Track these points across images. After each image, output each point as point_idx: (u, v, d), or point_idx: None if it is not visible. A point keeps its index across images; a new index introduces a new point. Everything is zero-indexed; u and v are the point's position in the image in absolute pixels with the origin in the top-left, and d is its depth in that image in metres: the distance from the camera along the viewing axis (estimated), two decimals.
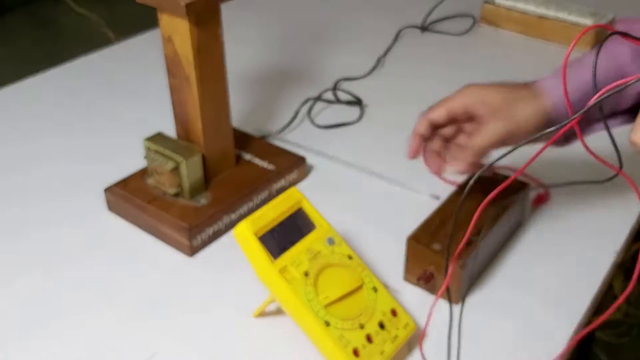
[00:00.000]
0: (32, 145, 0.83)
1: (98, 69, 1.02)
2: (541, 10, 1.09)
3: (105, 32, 2.26)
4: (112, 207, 0.70)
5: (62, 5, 2.46)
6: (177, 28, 0.60)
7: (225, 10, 0.64)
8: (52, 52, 2.54)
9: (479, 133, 0.56)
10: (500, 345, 0.54)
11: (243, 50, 1.03)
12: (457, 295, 0.56)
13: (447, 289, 0.55)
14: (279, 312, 0.56)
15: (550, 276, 0.61)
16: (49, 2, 2.83)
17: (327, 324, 0.49)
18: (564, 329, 0.55)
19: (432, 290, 0.58)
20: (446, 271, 0.51)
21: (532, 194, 0.70)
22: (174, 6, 0.58)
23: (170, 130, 0.69)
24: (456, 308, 0.57)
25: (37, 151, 0.82)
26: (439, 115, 0.58)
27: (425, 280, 0.56)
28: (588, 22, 1.04)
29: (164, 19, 0.61)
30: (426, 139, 0.60)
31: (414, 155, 0.60)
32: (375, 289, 0.52)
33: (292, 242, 0.52)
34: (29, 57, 2.45)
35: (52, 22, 2.82)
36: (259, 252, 0.50)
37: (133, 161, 0.72)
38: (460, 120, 0.59)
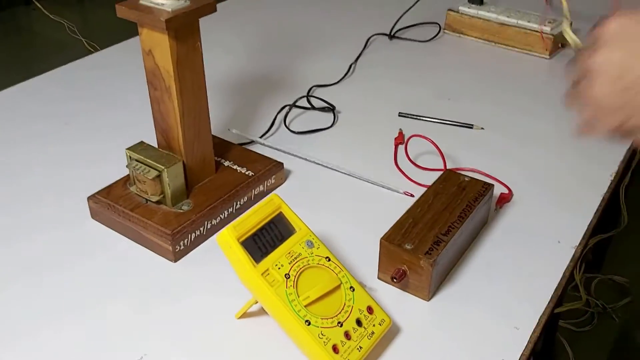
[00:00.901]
0: (13, 154, 0.84)
1: (76, 79, 1.04)
2: (503, 18, 1.14)
3: (79, 38, 2.25)
4: (95, 214, 0.71)
5: (34, 11, 2.43)
6: (157, 42, 0.63)
7: (201, 19, 0.67)
8: (26, 58, 2.51)
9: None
10: (471, 336, 0.58)
11: (218, 58, 1.06)
12: (429, 291, 0.60)
13: (419, 286, 0.59)
14: (260, 312, 0.59)
15: (515, 270, 0.65)
16: (21, 8, 2.79)
17: (308, 323, 0.52)
18: (530, 317, 0.59)
19: (404, 287, 0.62)
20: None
21: (496, 194, 0.74)
22: (154, 21, 0.60)
23: (150, 138, 0.71)
24: (427, 303, 0.61)
25: (18, 161, 0.83)
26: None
27: (399, 278, 0.60)
28: (546, 29, 1.10)
29: (145, 33, 0.63)
30: None
31: None
32: (352, 288, 0.56)
33: (273, 246, 0.55)
34: (4, 63, 2.42)
35: (26, 29, 2.79)
36: (242, 257, 0.53)
37: (114, 169, 0.74)
38: None
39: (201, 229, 0.68)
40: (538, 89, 1.01)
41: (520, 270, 0.65)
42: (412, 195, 0.75)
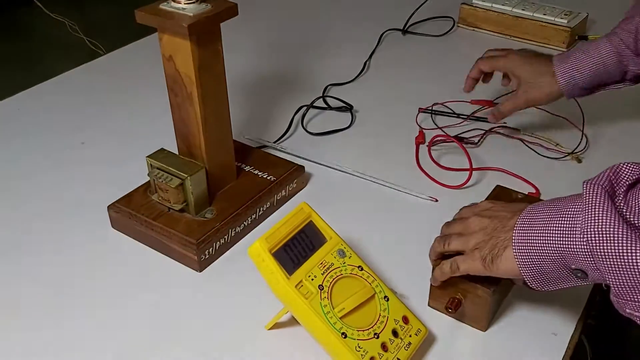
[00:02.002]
0: (25, 165, 0.82)
1: (86, 83, 1.02)
2: (517, 11, 1.12)
3: (81, 37, 2.22)
4: (115, 224, 0.70)
5: (35, 10, 2.41)
6: (178, 48, 0.61)
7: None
8: (28, 58, 2.49)
9: (508, 101, 0.80)
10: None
11: (234, 60, 1.04)
12: (487, 322, 0.57)
13: (476, 316, 0.56)
14: (291, 323, 0.58)
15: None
16: (22, 7, 2.77)
17: (345, 335, 0.51)
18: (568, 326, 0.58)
19: (460, 317, 0.58)
20: None
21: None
22: (176, 27, 0.59)
23: (167, 143, 0.70)
24: (483, 334, 0.57)
25: (31, 171, 0.81)
26: (486, 68, 0.82)
27: (454, 308, 0.56)
28: (563, 21, 1.08)
29: (165, 39, 0.62)
30: (476, 80, 0.84)
31: (469, 89, 0.85)
32: (386, 298, 0.55)
33: (305, 257, 0.54)
34: (5, 63, 2.40)
35: (27, 28, 2.76)
36: (275, 270, 0.52)
37: (132, 176, 0.72)
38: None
39: (225, 237, 0.67)
40: None
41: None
42: (436, 200, 0.74)
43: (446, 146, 0.84)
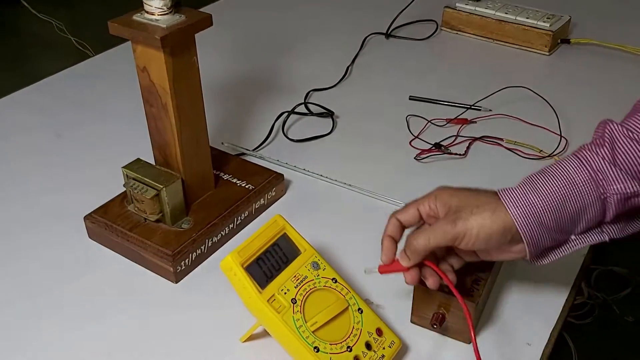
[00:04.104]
0: (3, 170, 0.82)
1: (69, 88, 1.01)
2: (500, 14, 1.12)
3: (67, 37, 2.21)
4: (92, 234, 0.70)
5: (22, 9, 2.39)
6: (152, 59, 0.61)
7: None
8: (14, 58, 2.47)
9: (421, 231, 0.52)
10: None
11: (212, 65, 1.03)
12: (471, 334, 0.55)
13: (460, 330, 0.56)
14: (265, 334, 0.58)
15: (528, 286, 0.64)
16: (8, 7, 2.75)
17: (317, 349, 0.51)
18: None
19: (443, 331, 0.58)
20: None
21: None
22: (149, 39, 0.58)
23: (146, 148, 0.69)
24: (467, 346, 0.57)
25: (8, 177, 0.80)
26: (407, 216, 0.55)
27: (439, 323, 0.56)
28: (545, 25, 1.08)
29: (139, 50, 0.61)
30: (397, 240, 0.55)
31: (388, 259, 0.54)
32: (360, 310, 0.55)
33: (279, 270, 0.54)
34: None
35: (13, 28, 2.74)
36: (247, 284, 0.51)
37: (110, 184, 0.72)
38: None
39: (202, 247, 0.67)
40: (538, 85, 0.99)
41: (533, 284, 0.64)
42: None
43: (434, 157, 0.84)
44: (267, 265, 0.53)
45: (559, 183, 0.49)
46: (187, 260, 0.65)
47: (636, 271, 1.55)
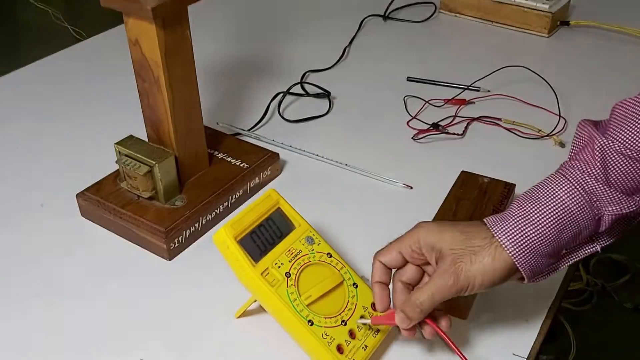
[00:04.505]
0: None
1: (61, 70, 1.00)
2: None
3: (64, 25, 2.19)
4: (84, 212, 0.69)
5: None
6: (144, 31, 0.60)
7: (189, 6, 0.63)
8: (11, 47, 2.46)
9: (422, 288, 0.48)
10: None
11: (208, 46, 1.02)
12: (468, 311, 0.56)
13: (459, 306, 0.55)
14: (260, 310, 0.57)
15: None
16: None
17: (311, 322, 0.50)
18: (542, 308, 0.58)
19: (440, 307, 0.53)
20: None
21: None
22: (140, 10, 0.57)
23: (140, 131, 0.68)
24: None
25: (1, 158, 0.80)
26: (390, 259, 0.51)
27: None
28: (544, 6, 1.07)
29: (130, 22, 0.60)
30: (387, 283, 0.52)
31: (384, 307, 0.51)
32: (355, 285, 0.54)
33: (273, 244, 0.53)
34: None
35: (9, 17, 2.72)
36: (240, 257, 0.51)
37: (103, 164, 0.71)
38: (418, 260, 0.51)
39: (196, 225, 0.66)
40: (536, 67, 0.98)
41: None
42: (411, 188, 0.73)
43: (432, 137, 0.83)
44: (261, 239, 0.52)
45: (554, 212, 0.46)
46: (180, 238, 0.64)
47: (635, 258, 1.54)
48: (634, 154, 0.46)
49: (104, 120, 0.87)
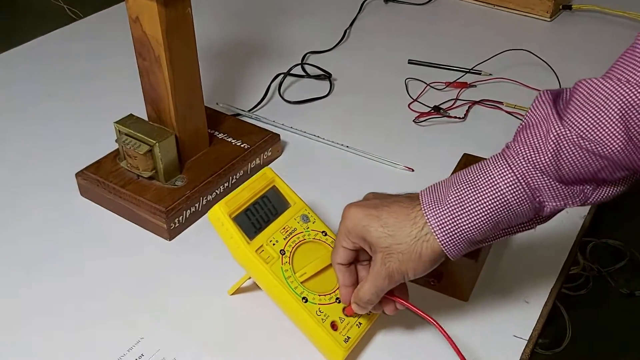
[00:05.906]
0: None
1: (58, 49, 1.00)
2: None
3: (60, 5, 2.18)
4: (84, 191, 0.69)
5: None
6: (145, 8, 0.60)
7: None
8: (5, 26, 2.44)
9: (365, 285, 0.49)
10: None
11: (208, 25, 1.02)
12: (469, 292, 0.57)
13: (459, 288, 0.56)
14: (254, 287, 0.58)
15: (528, 244, 0.64)
16: None
17: (305, 300, 0.51)
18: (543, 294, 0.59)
19: (441, 289, 0.57)
20: None
21: None
22: None
23: (139, 111, 0.69)
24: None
25: (1, 136, 0.80)
26: (344, 256, 0.50)
27: (438, 279, 0.56)
28: None
29: None
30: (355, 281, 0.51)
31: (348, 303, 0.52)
32: None
33: (267, 222, 0.53)
34: None
35: None
36: (234, 234, 0.51)
37: (102, 143, 0.71)
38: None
39: (196, 205, 0.66)
40: (538, 51, 0.98)
41: (530, 248, 0.64)
42: (412, 170, 0.73)
43: (433, 120, 0.83)
44: (256, 217, 0.53)
45: (491, 203, 0.43)
46: (180, 218, 0.65)
47: (631, 243, 1.54)
48: (591, 146, 0.41)
49: (103, 99, 0.87)
